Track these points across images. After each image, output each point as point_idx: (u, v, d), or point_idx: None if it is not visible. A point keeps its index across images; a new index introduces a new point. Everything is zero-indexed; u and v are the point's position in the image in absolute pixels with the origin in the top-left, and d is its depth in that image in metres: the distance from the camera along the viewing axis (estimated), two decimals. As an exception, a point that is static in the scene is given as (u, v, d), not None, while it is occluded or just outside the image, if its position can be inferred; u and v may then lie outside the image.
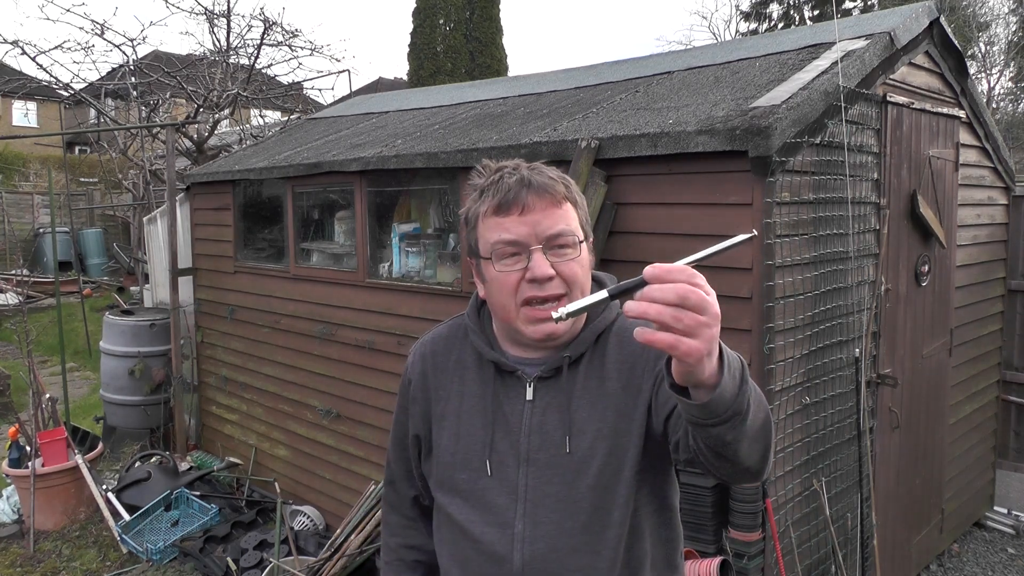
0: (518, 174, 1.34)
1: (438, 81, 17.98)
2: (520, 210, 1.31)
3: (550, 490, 1.35)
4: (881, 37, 3.24)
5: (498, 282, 1.34)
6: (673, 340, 0.93)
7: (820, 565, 3.18)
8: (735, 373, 1.03)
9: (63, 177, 14.89)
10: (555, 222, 1.31)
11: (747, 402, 1.04)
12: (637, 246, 3.05)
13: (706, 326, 0.93)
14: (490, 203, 1.34)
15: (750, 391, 1.05)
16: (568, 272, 1.31)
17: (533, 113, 4.05)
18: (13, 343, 9.33)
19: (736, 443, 1.07)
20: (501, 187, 1.33)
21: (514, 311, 1.33)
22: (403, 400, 1.55)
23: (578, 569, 1.34)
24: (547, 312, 1.29)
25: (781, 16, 24.02)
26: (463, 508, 1.40)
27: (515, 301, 1.32)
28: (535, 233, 1.30)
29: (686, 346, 0.93)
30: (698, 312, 0.92)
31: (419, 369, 1.51)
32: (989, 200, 4.47)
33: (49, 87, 10.27)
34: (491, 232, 1.33)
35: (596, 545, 1.34)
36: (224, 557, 4.17)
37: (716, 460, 1.13)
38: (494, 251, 1.33)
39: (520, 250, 1.31)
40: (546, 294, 1.30)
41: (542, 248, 1.30)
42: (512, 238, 1.31)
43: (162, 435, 5.73)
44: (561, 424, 1.36)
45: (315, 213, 4.87)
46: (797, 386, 2.94)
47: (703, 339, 0.93)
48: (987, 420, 4.66)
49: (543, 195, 1.31)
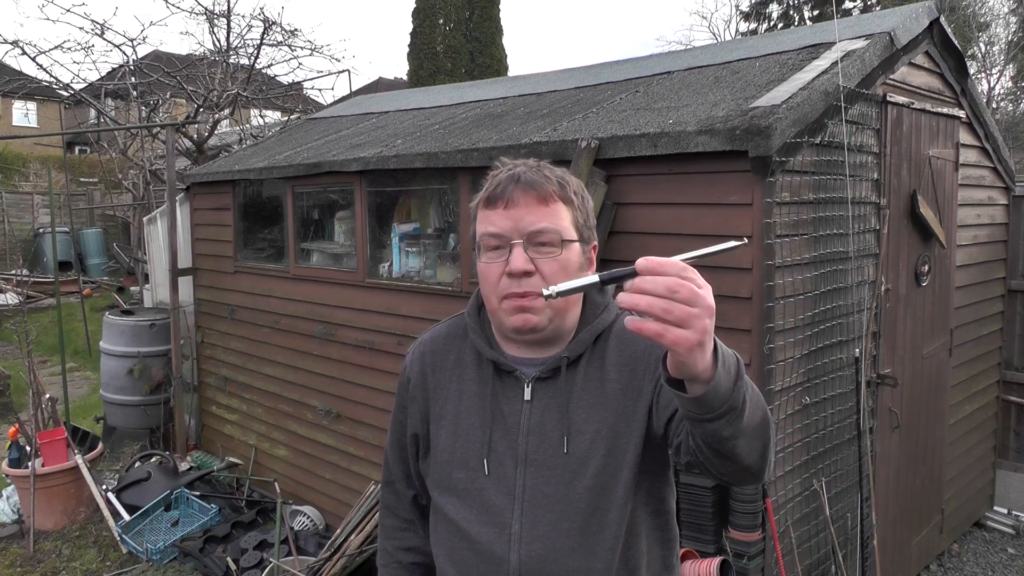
0: (514, 171, 1.36)
1: (438, 81, 17.98)
2: (505, 204, 1.33)
3: (548, 490, 1.35)
4: (881, 37, 3.24)
5: (483, 274, 1.37)
6: (661, 329, 0.93)
7: (820, 565, 3.18)
8: (730, 368, 1.03)
9: (63, 177, 14.91)
10: (539, 219, 1.32)
11: (743, 398, 1.04)
12: (637, 246, 3.05)
13: (697, 318, 0.93)
14: (482, 196, 1.38)
15: (746, 387, 1.05)
16: (547, 270, 1.31)
17: (533, 113, 4.05)
18: (13, 343, 9.33)
19: (733, 439, 1.07)
20: (493, 182, 1.36)
21: (496, 303, 1.35)
22: (401, 399, 1.55)
23: (575, 570, 1.34)
24: (526, 302, 1.31)
25: (781, 16, 24.00)
26: (460, 507, 1.40)
27: (496, 294, 1.34)
28: (517, 228, 1.32)
29: (674, 335, 0.93)
30: (688, 304, 0.93)
31: (418, 368, 1.51)
32: (989, 200, 4.47)
33: (49, 87, 10.27)
34: (480, 224, 1.37)
35: (593, 546, 1.34)
36: (224, 557, 4.17)
37: (716, 458, 1.13)
38: (480, 243, 1.37)
39: (502, 243, 1.33)
40: (523, 291, 1.31)
41: (522, 244, 1.32)
42: (495, 231, 1.33)
43: (162, 435, 5.73)
44: (559, 425, 1.36)
45: (315, 213, 4.87)
46: (797, 386, 2.94)
47: (694, 330, 0.93)
48: (987, 420, 4.66)
49: (528, 191, 1.33)
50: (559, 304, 1.34)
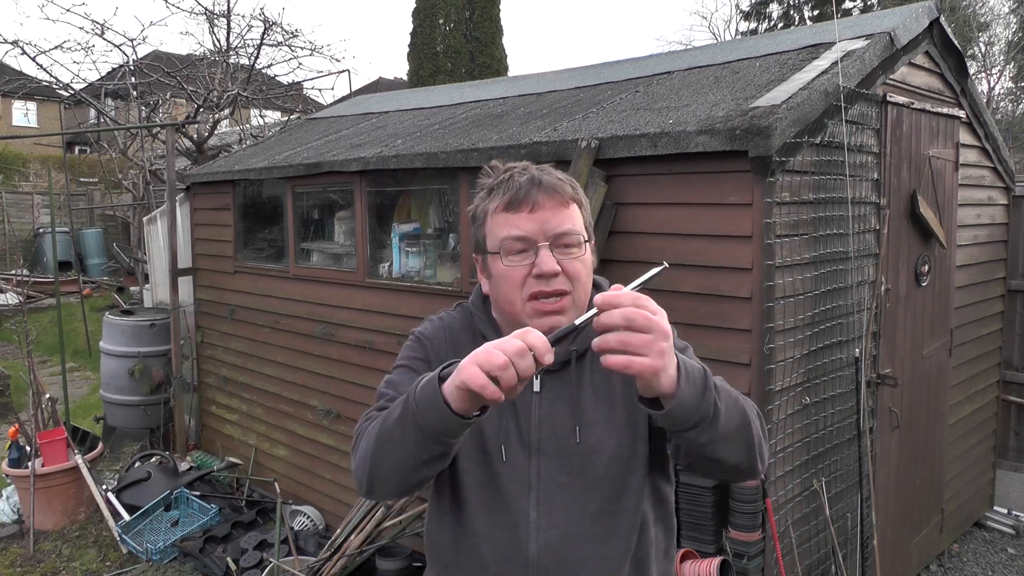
0: (528, 173, 1.39)
1: (438, 81, 17.98)
2: (530, 208, 1.36)
3: (562, 479, 1.38)
4: (881, 37, 3.24)
5: (505, 276, 1.38)
6: (627, 361, 1.05)
7: (820, 565, 3.19)
8: (695, 382, 1.14)
9: (63, 177, 14.91)
10: (562, 221, 1.36)
11: (712, 406, 1.15)
12: (637, 246, 3.05)
13: (653, 343, 1.05)
14: (501, 200, 1.39)
15: (714, 396, 1.15)
16: (572, 270, 1.36)
17: (533, 113, 4.05)
18: (13, 343, 9.33)
19: (712, 444, 1.18)
20: (512, 185, 1.38)
21: (520, 305, 1.37)
22: (422, 351, 1.49)
23: (591, 556, 1.37)
24: (553, 305, 1.34)
25: (781, 16, 23.99)
26: (477, 491, 1.41)
27: (521, 295, 1.36)
28: (543, 231, 1.35)
29: (639, 364, 1.05)
30: (644, 332, 1.05)
31: (442, 336, 1.50)
32: (989, 200, 4.47)
33: (49, 87, 10.27)
34: (500, 228, 1.38)
35: (608, 534, 1.38)
36: (224, 557, 4.17)
37: (702, 462, 1.25)
38: (503, 246, 1.37)
39: (528, 246, 1.36)
40: (552, 289, 1.35)
41: (549, 245, 1.35)
42: (521, 234, 1.36)
43: (162, 435, 5.73)
44: (571, 415, 1.40)
45: (315, 213, 4.88)
46: (797, 386, 2.94)
47: (653, 354, 1.06)
48: (987, 420, 4.66)
49: (552, 195, 1.37)
50: (581, 303, 1.38)
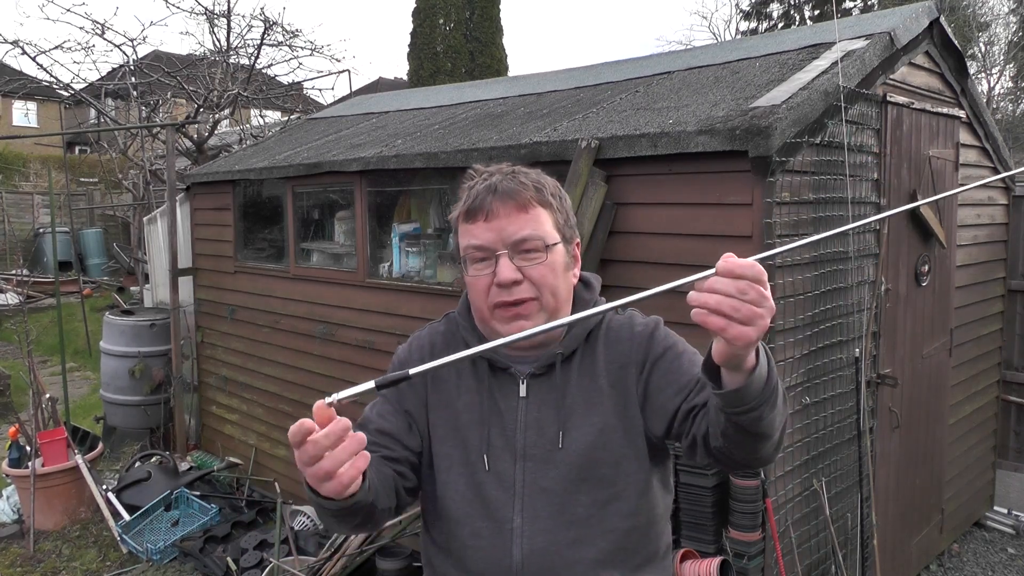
0: (489, 180, 1.37)
1: (438, 81, 17.97)
2: (485, 216, 1.35)
3: (546, 484, 1.36)
4: (881, 37, 3.24)
5: (471, 285, 1.39)
6: (724, 324, 1.00)
7: (820, 565, 3.19)
8: (770, 362, 1.12)
9: (63, 177, 14.89)
10: (520, 227, 1.34)
11: (774, 390, 1.12)
12: (637, 246, 3.05)
13: (761, 317, 1.01)
14: (460, 209, 1.39)
15: (776, 380, 1.13)
16: (536, 276, 1.34)
17: (533, 113, 4.05)
18: (13, 343, 9.33)
19: (758, 426, 1.14)
20: (471, 194, 1.37)
21: (487, 312, 1.37)
22: None
23: (576, 562, 1.35)
24: (520, 309, 1.34)
25: (781, 16, 23.99)
26: (460, 502, 1.41)
27: (487, 304, 1.36)
28: (501, 239, 1.34)
29: (737, 330, 1.00)
30: (755, 305, 1.00)
31: (417, 357, 1.51)
32: (989, 200, 4.46)
33: (49, 87, 10.27)
34: (462, 237, 1.38)
35: (594, 538, 1.36)
36: (224, 557, 4.17)
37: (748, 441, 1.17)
38: (466, 256, 1.38)
39: (487, 255, 1.35)
40: (514, 298, 1.34)
41: (508, 253, 1.33)
42: (479, 243, 1.35)
43: (162, 435, 5.73)
44: (556, 420, 1.38)
45: (315, 213, 4.87)
46: (797, 386, 2.94)
47: (756, 327, 1.01)
48: (987, 420, 4.66)
49: (507, 201, 1.34)
50: (551, 306, 1.36)
